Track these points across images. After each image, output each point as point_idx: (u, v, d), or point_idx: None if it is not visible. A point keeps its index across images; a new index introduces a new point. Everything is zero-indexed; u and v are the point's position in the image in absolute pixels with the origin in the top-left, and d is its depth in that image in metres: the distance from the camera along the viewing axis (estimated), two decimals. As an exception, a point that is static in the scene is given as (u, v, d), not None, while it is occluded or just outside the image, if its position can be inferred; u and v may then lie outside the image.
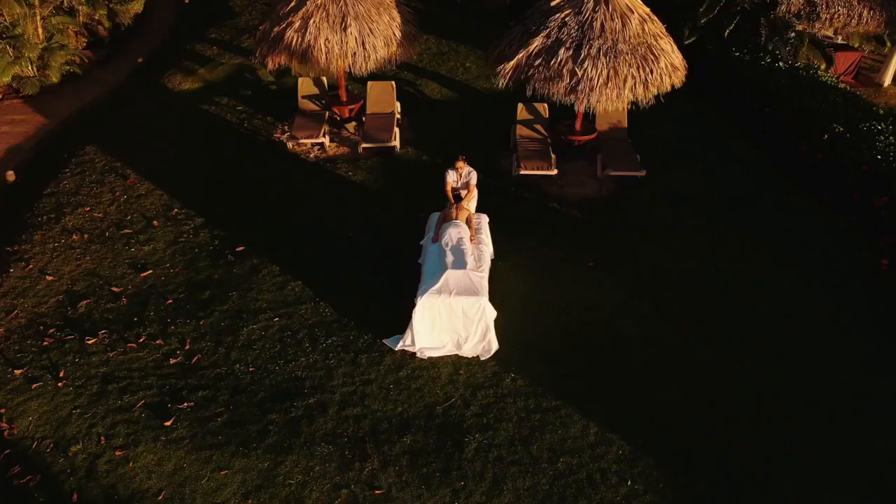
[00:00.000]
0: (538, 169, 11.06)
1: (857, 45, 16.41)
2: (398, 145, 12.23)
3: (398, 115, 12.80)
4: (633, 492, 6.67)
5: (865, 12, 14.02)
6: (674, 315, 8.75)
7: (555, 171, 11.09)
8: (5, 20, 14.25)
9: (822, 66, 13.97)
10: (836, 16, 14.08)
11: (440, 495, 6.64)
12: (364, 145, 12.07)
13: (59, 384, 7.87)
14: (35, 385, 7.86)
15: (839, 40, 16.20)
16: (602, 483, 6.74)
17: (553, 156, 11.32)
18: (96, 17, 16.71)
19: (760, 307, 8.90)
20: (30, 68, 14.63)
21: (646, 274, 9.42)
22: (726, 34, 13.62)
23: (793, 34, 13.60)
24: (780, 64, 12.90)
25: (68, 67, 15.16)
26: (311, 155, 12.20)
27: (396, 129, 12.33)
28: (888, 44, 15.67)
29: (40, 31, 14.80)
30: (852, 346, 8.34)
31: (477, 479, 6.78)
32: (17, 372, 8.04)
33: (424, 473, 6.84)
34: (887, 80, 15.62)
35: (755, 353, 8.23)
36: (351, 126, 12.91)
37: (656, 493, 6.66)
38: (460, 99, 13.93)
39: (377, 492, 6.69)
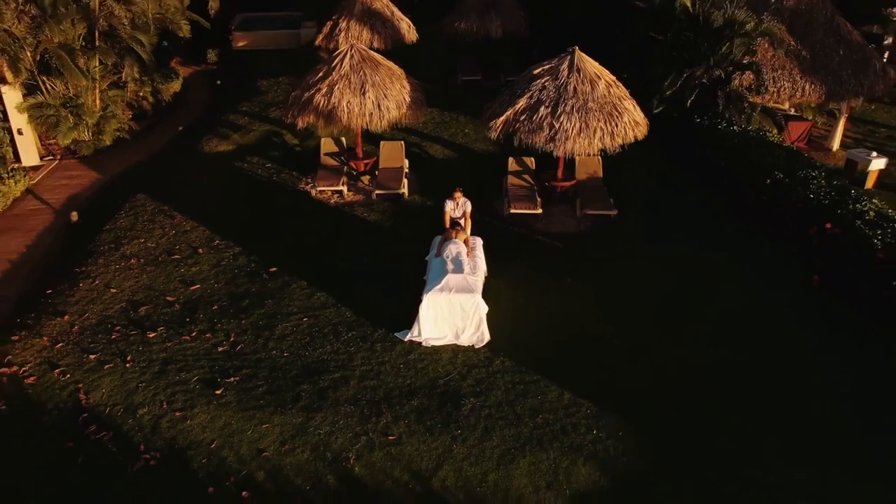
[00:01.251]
0: (526, 208, 13.17)
1: (810, 117, 18.95)
2: (406, 192, 14.41)
3: (406, 169, 15.05)
4: (598, 438, 8.31)
5: (808, 86, 16.59)
6: (636, 317, 10.58)
7: (540, 211, 13.20)
8: (69, 91, 16.82)
9: (774, 131, 16.31)
10: (782, 89, 16.66)
11: (441, 440, 8.30)
12: (377, 192, 14.25)
13: (127, 365, 9.64)
14: (107, 366, 9.64)
15: (792, 112, 18.75)
16: (573, 431, 8.39)
17: (539, 199, 13.47)
18: (141, 94, 19.41)
19: (712, 312, 10.73)
20: (86, 133, 17.10)
21: (613, 288, 11.31)
22: (688, 104, 16.07)
23: (746, 104, 16.05)
24: (735, 127, 15.25)
25: (118, 133, 17.68)
26: (332, 200, 14.36)
27: (405, 180, 14.55)
28: (837, 115, 18.20)
29: (98, 102, 17.37)
30: (789, 335, 10.12)
31: (471, 429, 8.44)
32: (92, 357, 9.83)
33: (428, 425, 8.52)
34: (835, 146, 18.03)
35: (706, 345, 10.00)
36: (366, 178, 15.16)
37: (616, 439, 8.30)
38: (460, 157, 16.26)
39: (390, 437, 8.34)
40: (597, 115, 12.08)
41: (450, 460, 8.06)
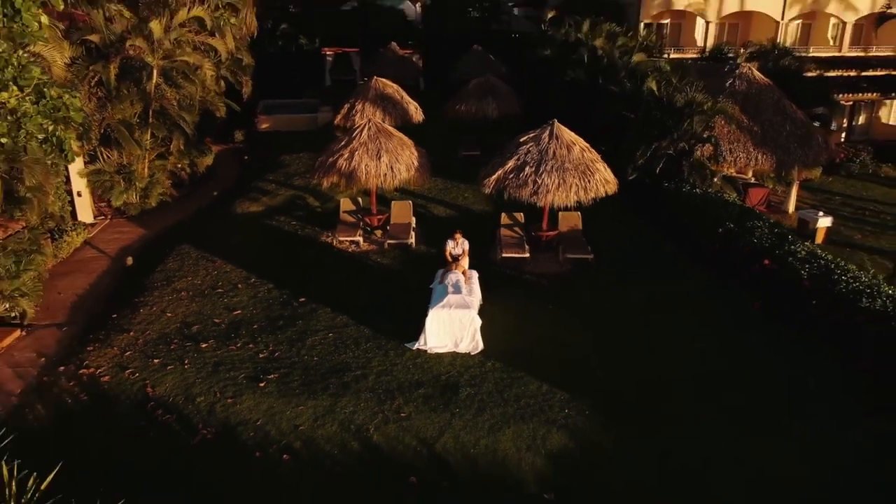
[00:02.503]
0: (516, 253, 15.67)
1: (771, 185, 21.72)
2: (413, 242, 16.96)
3: (413, 225, 17.66)
4: (569, 415, 10.45)
5: (760, 156, 19.43)
6: (606, 333, 12.86)
7: (528, 255, 15.70)
8: (123, 160, 19.72)
9: (734, 195, 18.98)
10: (738, 159, 19.50)
11: (442, 416, 10.43)
12: (389, 241, 16.81)
13: (185, 367, 11.88)
14: (168, 367, 11.87)
15: (752, 180, 21.54)
16: (549, 410, 10.53)
17: (527, 245, 15.99)
18: (180, 165, 22.37)
19: (670, 330, 13.00)
20: (135, 196, 19.89)
21: (588, 313, 13.63)
22: (657, 171, 18.85)
23: (707, 172, 18.83)
24: (697, 190, 17.96)
25: (162, 197, 20.49)
26: (350, 249, 16.89)
27: (412, 233, 17.13)
28: (791, 183, 20.99)
29: (146, 170, 20.26)
30: (734, 343, 12.34)
31: (467, 409, 10.59)
32: (155, 361, 12.08)
33: (433, 406, 10.67)
34: (791, 209, 20.72)
35: (664, 352, 12.22)
36: (378, 232, 17.75)
37: (584, 417, 10.43)
38: (459, 215, 18.91)
39: (402, 415, 10.48)
40: (572, 173, 14.78)
41: (449, 430, 10.18)
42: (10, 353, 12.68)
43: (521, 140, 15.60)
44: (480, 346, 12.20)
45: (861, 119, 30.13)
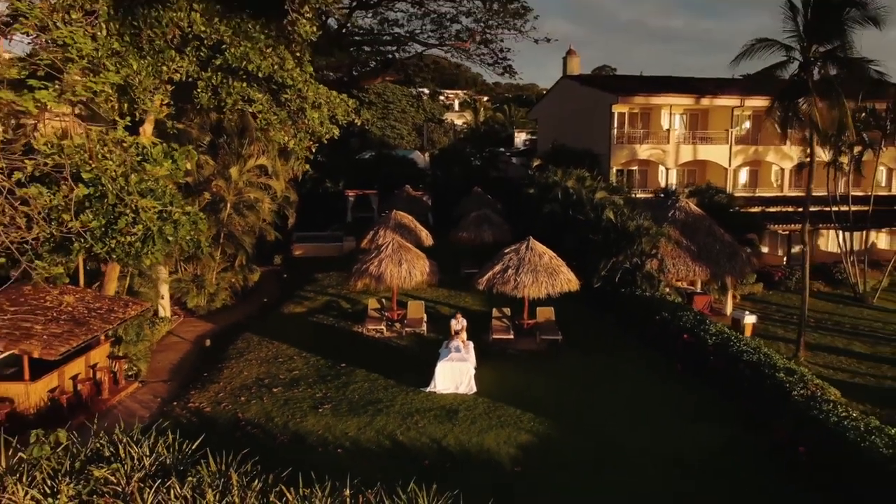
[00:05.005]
0: (503, 335, 21.13)
1: (715, 296, 27.41)
2: (425, 331, 22.45)
3: (425, 319, 23.22)
4: (532, 426, 15.49)
5: (698, 269, 25.30)
6: (565, 387, 18.04)
7: (512, 337, 21.14)
8: (197, 271, 25.71)
9: (679, 300, 24.61)
10: (679, 271, 25.35)
11: (447, 426, 15.49)
12: (406, 329, 22.33)
13: (263, 402, 17.05)
14: (252, 402, 17.06)
15: (698, 290, 27.26)
16: (519, 423, 15.60)
17: (512, 331, 21.46)
18: (234, 280, 28.34)
19: (610, 385, 18.17)
20: (204, 300, 25.67)
21: (555, 375, 18.88)
22: (616, 280, 24.66)
23: (656, 281, 24.63)
24: (647, 293, 23.65)
25: (224, 301, 26.26)
26: (375, 335, 22.37)
27: (425, 325, 22.67)
28: (729, 290, 26.72)
29: (214, 280, 26.21)
30: (658, 391, 17.45)
31: (463, 421, 15.66)
32: (241, 399, 17.27)
33: (440, 420, 15.76)
34: (728, 311, 26.27)
35: (607, 396, 17.35)
36: (398, 325, 23.29)
37: (543, 426, 15.47)
38: (461, 312, 24.48)
39: (419, 425, 15.55)
40: (543, 273, 20.59)
41: (451, 433, 15.23)
42: (133, 396, 17.93)
43: (506, 251, 21.60)
44: (474, 388, 17.40)
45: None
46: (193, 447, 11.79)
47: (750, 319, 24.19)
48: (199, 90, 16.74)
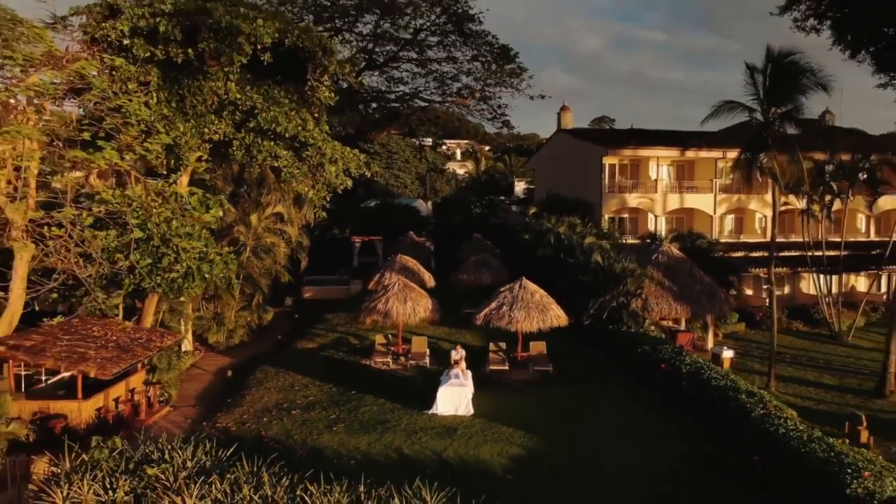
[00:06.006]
0: (499, 366, 23.37)
1: (697, 333, 29.69)
2: (428, 364, 24.70)
3: (428, 353, 25.47)
4: (522, 441, 17.64)
5: (679, 307, 27.65)
6: (553, 412, 20.21)
7: (507, 368, 23.38)
8: (217, 310, 28.10)
9: (664, 336, 26.87)
10: (662, 309, 27.69)
11: (447, 440, 17.66)
12: (410, 362, 24.59)
13: (284, 422, 19.24)
14: (273, 422, 19.25)
15: (682, 327, 29.53)
16: (511, 438, 17.76)
17: (507, 363, 23.71)
18: (250, 319, 30.70)
19: (593, 410, 20.34)
20: (223, 337, 27.99)
21: (545, 401, 21.05)
22: (604, 317, 26.99)
23: (641, 318, 26.96)
24: (632, 330, 25.95)
25: (241, 338, 28.58)
26: (382, 367, 24.62)
27: (427, 358, 24.93)
28: (710, 327, 29.00)
29: (233, 317, 28.57)
30: (638, 415, 19.61)
31: (462, 437, 17.83)
32: (264, 419, 19.47)
33: (441, 436, 17.93)
34: (709, 346, 28.49)
35: (589, 418, 19.51)
36: (403, 359, 25.54)
37: (532, 441, 17.62)
38: (460, 345, 26.75)
39: (422, 441, 17.71)
40: (534, 309, 22.95)
41: (451, 447, 17.39)
42: (166, 418, 20.14)
43: (501, 290, 24.02)
44: (472, 410, 19.60)
45: (786, 289, 38.80)
46: (228, 453, 14.05)
47: (728, 354, 26.42)
48: (234, 148, 19.45)
